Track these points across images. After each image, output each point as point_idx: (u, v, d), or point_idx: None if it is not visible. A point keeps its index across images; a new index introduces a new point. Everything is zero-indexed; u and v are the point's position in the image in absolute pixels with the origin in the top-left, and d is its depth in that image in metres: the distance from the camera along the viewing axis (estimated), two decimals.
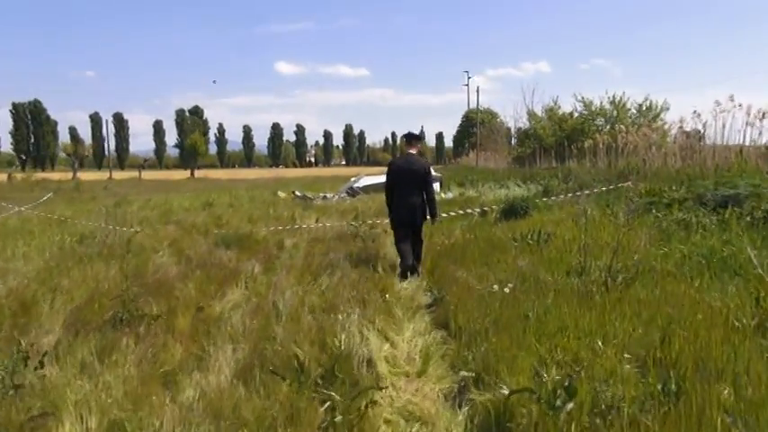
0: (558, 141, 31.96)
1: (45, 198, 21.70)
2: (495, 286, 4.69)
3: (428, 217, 6.61)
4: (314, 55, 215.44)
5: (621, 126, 20.07)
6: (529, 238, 6.41)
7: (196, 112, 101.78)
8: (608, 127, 24.53)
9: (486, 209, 11.19)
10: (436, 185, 22.03)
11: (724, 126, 13.61)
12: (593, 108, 25.74)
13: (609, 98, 25.38)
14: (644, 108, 23.98)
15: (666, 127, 21.34)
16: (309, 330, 4.40)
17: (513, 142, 46.44)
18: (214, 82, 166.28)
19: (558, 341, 3.49)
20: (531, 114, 36.10)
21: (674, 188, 8.65)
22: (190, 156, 59.03)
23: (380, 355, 3.87)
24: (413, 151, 6.64)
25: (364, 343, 4.00)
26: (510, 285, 4.65)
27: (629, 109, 24.49)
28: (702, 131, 14.54)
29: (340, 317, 4.52)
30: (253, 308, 5.16)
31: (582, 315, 3.83)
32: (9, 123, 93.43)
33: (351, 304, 5.11)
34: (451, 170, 37.87)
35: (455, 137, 79.55)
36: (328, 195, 20.77)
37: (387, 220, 7.38)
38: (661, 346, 3.15)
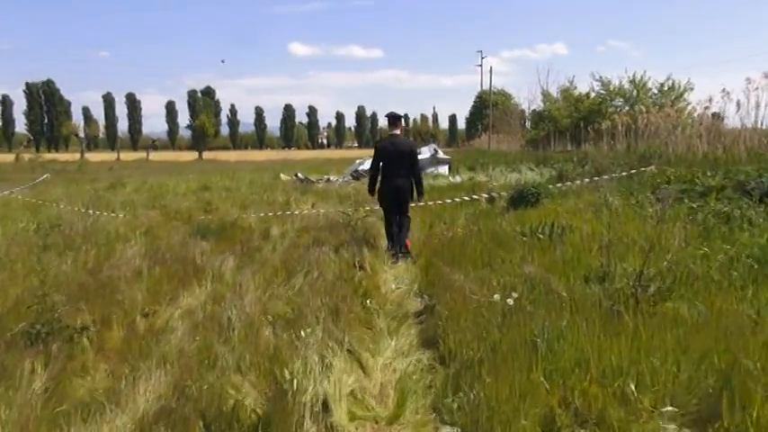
0: (574, 123, 30.65)
1: (40, 179, 21.09)
2: (497, 295, 3.77)
3: (415, 196, 6.72)
4: (327, 36, 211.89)
5: (642, 107, 18.76)
6: (540, 231, 5.46)
7: (208, 92, 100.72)
8: (627, 108, 23.18)
9: (494, 195, 10.21)
10: (445, 168, 21.15)
11: (758, 105, 12.38)
12: (612, 88, 24.34)
13: (629, 77, 23.95)
14: (666, 88, 22.55)
15: (690, 108, 20.06)
16: (265, 350, 3.53)
17: (526, 125, 45.21)
18: (222, 61, 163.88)
19: (575, 383, 2.58)
20: (546, 95, 34.73)
21: (708, 174, 7.59)
22: (198, 137, 58.31)
23: (343, 391, 2.98)
24: (397, 132, 6.62)
25: (326, 372, 3.12)
26: (515, 295, 3.73)
27: (650, 89, 23.06)
28: (725, 112, 13.33)
29: (303, 333, 3.64)
30: (206, 316, 4.30)
31: (607, 343, 2.91)
32: (23, 104, 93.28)
33: (323, 313, 4.23)
34: (463, 153, 36.54)
35: (468, 119, 77.78)
36: (332, 178, 19.87)
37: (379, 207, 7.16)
38: (724, 403, 2.22)
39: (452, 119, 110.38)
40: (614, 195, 6.92)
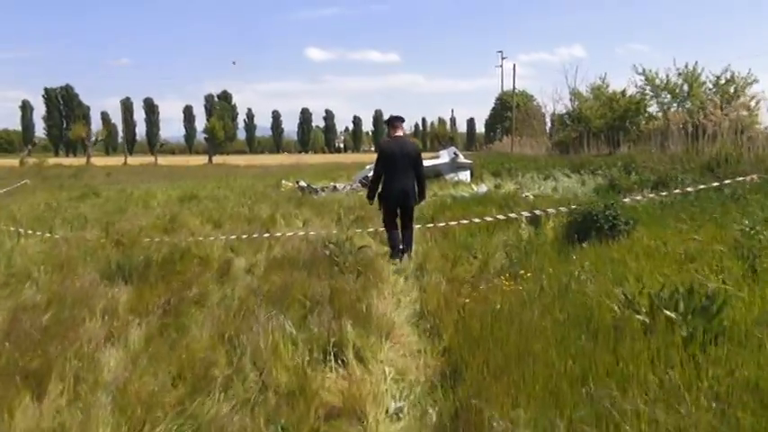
0: (609, 124, 27.85)
1: (14, 186, 19.02)
2: None
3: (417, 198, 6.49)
4: (344, 41, 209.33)
5: (715, 100, 15.89)
6: (663, 303, 2.89)
7: (225, 97, 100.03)
8: (675, 104, 20.28)
9: (538, 213, 7.65)
10: (466, 174, 18.53)
11: None
12: (657, 82, 21.38)
13: (677, 69, 20.88)
14: (723, 81, 19.50)
15: (754, 103, 17.15)
16: None
17: (549, 127, 42.49)
18: (234, 63, 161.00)
19: None
20: (576, 94, 31.89)
21: None
22: (209, 141, 56.59)
23: None
24: (399, 133, 6.42)
25: None
26: None
27: (704, 82, 20.03)
28: None
29: None
30: None
31: None
32: (42, 109, 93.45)
33: None
34: (483, 157, 33.59)
35: (487, 121, 74.64)
36: (338, 186, 17.37)
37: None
38: None
39: (470, 122, 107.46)
40: (760, 224, 4.29)
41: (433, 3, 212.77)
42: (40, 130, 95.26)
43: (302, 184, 17.53)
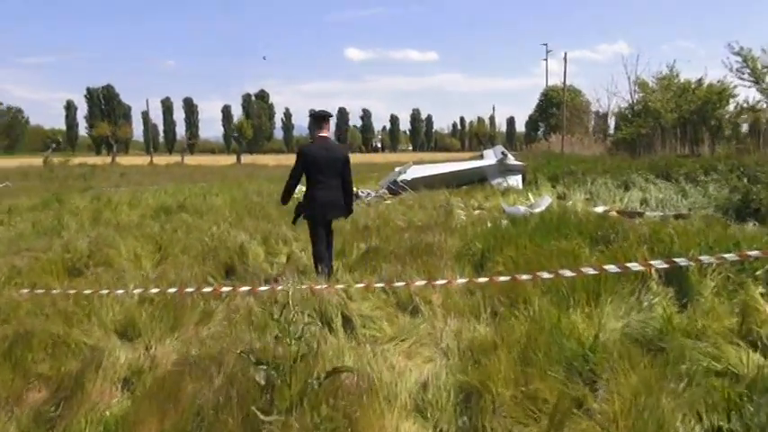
0: (684, 118, 23.75)
1: None
2: None
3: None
4: (383, 40, 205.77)
5: None
6: None
7: (263, 96, 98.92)
8: None
9: (683, 264, 4.18)
10: (517, 179, 14.85)
11: None
12: (760, 66, 17.15)
13: None
14: None
15: None
16: None
17: (593, 124, 38.56)
18: (264, 58, 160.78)
19: None
20: (641, 84, 27.64)
21: None
22: (239, 140, 54.57)
23: None
24: (325, 134, 5.41)
25: None
26: None
27: None
28: None
29: None
30: None
31: None
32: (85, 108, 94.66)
33: None
34: (531, 158, 29.23)
35: (530, 119, 69.64)
36: (362, 192, 14.03)
37: None
38: None
39: (510, 121, 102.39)
40: None
41: (471, 2, 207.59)
42: (83, 129, 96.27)
43: None
